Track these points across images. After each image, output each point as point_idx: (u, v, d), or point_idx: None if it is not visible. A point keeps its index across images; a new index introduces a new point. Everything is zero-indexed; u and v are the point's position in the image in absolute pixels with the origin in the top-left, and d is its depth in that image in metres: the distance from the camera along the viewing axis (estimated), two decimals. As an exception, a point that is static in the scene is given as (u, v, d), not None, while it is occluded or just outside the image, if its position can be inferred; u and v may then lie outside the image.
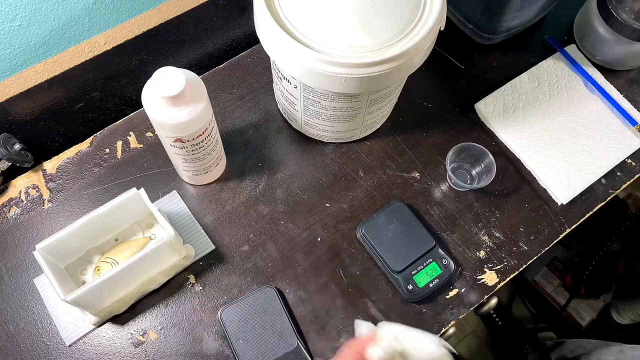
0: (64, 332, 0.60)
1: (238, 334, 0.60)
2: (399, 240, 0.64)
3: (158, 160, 0.70)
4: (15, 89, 0.63)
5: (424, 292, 0.62)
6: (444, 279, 0.63)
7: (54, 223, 0.66)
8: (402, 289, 0.62)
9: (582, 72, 0.77)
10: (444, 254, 0.64)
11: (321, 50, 0.52)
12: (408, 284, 0.62)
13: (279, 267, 0.65)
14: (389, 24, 0.54)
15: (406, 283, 0.62)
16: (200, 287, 0.64)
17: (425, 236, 0.65)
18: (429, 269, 0.63)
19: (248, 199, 0.68)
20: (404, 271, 0.63)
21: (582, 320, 1.30)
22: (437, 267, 0.63)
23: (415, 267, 0.63)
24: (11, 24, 0.56)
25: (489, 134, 0.74)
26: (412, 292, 0.62)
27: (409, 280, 0.62)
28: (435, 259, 0.64)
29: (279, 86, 0.66)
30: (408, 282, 0.62)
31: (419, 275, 0.63)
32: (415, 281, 0.62)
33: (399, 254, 0.63)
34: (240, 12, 0.75)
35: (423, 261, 0.64)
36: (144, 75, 0.74)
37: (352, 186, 0.69)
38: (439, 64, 0.78)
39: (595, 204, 0.70)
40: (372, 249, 0.64)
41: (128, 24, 0.66)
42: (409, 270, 0.63)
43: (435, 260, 0.64)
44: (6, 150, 0.63)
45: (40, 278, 0.62)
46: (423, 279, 0.63)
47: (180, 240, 0.62)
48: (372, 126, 0.71)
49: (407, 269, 0.63)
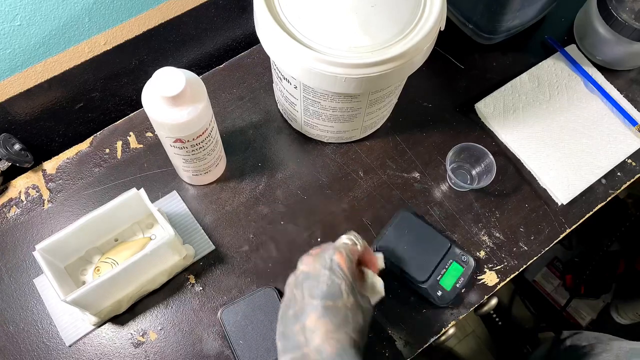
0: (64, 333, 0.60)
1: (238, 334, 0.60)
2: (416, 251, 0.63)
3: (158, 161, 0.70)
4: (15, 89, 0.63)
5: (453, 293, 0.62)
6: (468, 276, 0.62)
7: (54, 223, 0.66)
8: (433, 297, 0.61)
9: (582, 72, 0.77)
10: (461, 251, 0.64)
11: (321, 51, 0.52)
12: (437, 291, 0.62)
13: (279, 267, 0.65)
14: (389, 24, 0.54)
15: (434, 290, 0.62)
16: (200, 288, 0.64)
17: (439, 239, 0.64)
18: (452, 270, 0.63)
19: (248, 199, 0.68)
20: (429, 279, 0.62)
21: (582, 320, 1.30)
22: (459, 266, 0.63)
23: (439, 272, 0.62)
24: (11, 24, 0.56)
25: (489, 134, 0.74)
26: (443, 297, 0.61)
27: (436, 286, 0.62)
28: (454, 258, 0.63)
29: (279, 86, 0.66)
30: (436, 289, 0.62)
31: (445, 279, 0.62)
32: (443, 285, 0.62)
33: (420, 265, 0.62)
34: (240, 12, 0.75)
35: (444, 264, 0.63)
36: (144, 75, 0.74)
37: (352, 186, 0.69)
38: (439, 64, 0.78)
39: (595, 204, 0.70)
40: (394, 266, 0.63)
41: (128, 24, 0.66)
42: (434, 277, 0.62)
43: (455, 260, 0.63)
44: (6, 150, 0.63)
45: (40, 278, 0.62)
46: (449, 281, 0.62)
47: (180, 241, 0.62)
48: (372, 126, 0.71)
49: (432, 276, 0.62)
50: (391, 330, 0.62)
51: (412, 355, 0.62)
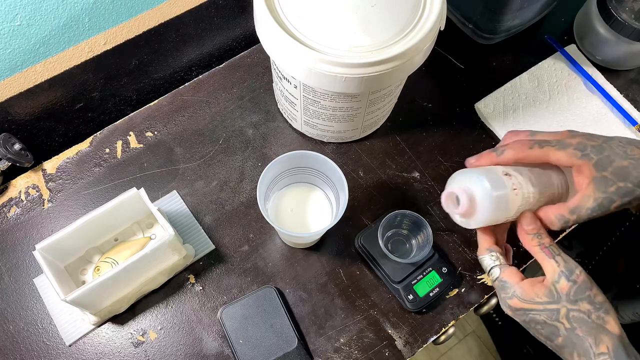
0: (64, 332, 0.60)
1: (238, 334, 0.60)
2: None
3: (158, 160, 0.70)
4: (15, 89, 0.63)
5: (424, 301, 0.62)
6: (443, 288, 0.63)
7: (54, 223, 0.66)
8: (403, 299, 0.62)
9: (582, 72, 0.77)
10: (443, 262, 0.64)
11: (321, 50, 0.52)
12: (409, 294, 0.62)
13: (279, 267, 0.65)
14: (389, 24, 0.54)
15: (407, 293, 0.62)
16: (200, 287, 0.64)
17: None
18: (429, 278, 0.63)
19: (248, 199, 0.68)
20: (404, 281, 0.62)
21: (582, 320, 1.29)
22: (437, 275, 0.63)
23: (415, 277, 0.63)
24: (11, 24, 0.56)
25: (489, 134, 0.74)
26: (413, 301, 0.62)
27: (409, 290, 0.62)
28: (434, 267, 0.63)
29: (279, 86, 0.66)
30: (409, 292, 0.62)
31: (419, 285, 0.62)
32: (416, 291, 0.62)
33: (398, 263, 0.63)
34: (240, 12, 0.75)
35: (422, 270, 0.63)
36: (144, 75, 0.74)
37: (352, 186, 0.69)
38: (439, 64, 0.78)
39: (595, 204, 0.70)
40: (371, 260, 0.64)
41: (128, 24, 0.66)
42: (409, 280, 0.62)
43: (434, 269, 0.63)
44: (6, 150, 0.63)
45: (40, 278, 0.62)
46: (423, 288, 0.62)
47: (180, 240, 0.62)
48: (372, 126, 0.71)
49: (407, 278, 0.63)
50: (391, 330, 0.62)
51: (412, 355, 0.62)
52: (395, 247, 0.65)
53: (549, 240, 0.49)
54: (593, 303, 0.46)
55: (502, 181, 0.49)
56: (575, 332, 0.46)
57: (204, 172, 0.69)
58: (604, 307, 0.46)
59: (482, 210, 0.50)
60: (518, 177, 0.50)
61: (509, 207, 0.50)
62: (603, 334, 0.45)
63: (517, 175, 0.50)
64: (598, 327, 0.45)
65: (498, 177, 0.50)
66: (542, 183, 0.51)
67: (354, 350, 0.61)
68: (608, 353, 0.44)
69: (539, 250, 0.49)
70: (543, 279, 0.49)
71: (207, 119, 0.72)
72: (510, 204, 0.49)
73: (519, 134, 0.53)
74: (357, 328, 0.62)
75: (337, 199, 0.60)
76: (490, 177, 0.49)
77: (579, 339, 0.46)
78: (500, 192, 0.49)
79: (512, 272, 0.51)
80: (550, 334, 0.48)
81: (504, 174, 0.50)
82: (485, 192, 0.49)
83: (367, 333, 0.62)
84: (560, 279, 0.47)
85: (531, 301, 0.48)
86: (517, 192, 0.49)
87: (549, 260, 0.48)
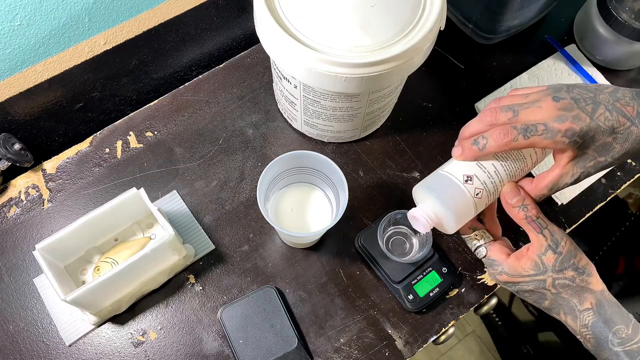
0: (64, 332, 0.60)
1: (238, 334, 0.60)
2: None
3: (158, 160, 0.70)
4: (15, 89, 0.63)
5: (424, 301, 0.62)
6: (443, 288, 0.63)
7: (54, 223, 0.66)
8: (403, 299, 0.62)
9: (582, 72, 0.77)
10: (443, 262, 0.64)
11: (321, 50, 0.52)
12: (409, 294, 0.62)
13: (279, 267, 0.65)
14: (389, 24, 0.54)
15: (407, 293, 0.62)
16: (200, 287, 0.64)
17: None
18: (429, 277, 0.63)
19: (248, 198, 0.68)
20: (404, 281, 0.62)
21: (582, 320, 1.29)
22: (437, 275, 0.63)
23: (415, 277, 0.63)
24: (11, 24, 0.56)
25: (489, 134, 0.74)
26: (413, 301, 0.62)
27: (409, 290, 0.62)
28: (434, 267, 0.63)
29: (279, 86, 0.66)
30: (409, 292, 0.62)
31: (419, 285, 0.62)
32: (416, 291, 0.62)
33: (398, 263, 0.63)
34: (240, 12, 0.75)
35: (423, 270, 0.63)
36: (144, 75, 0.74)
37: (352, 186, 0.69)
38: (439, 64, 0.78)
39: (595, 204, 0.70)
40: (371, 260, 0.64)
41: (128, 24, 0.66)
42: (409, 280, 0.62)
43: (434, 269, 0.63)
44: (6, 150, 0.63)
45: (40, 278, 0.62)
46: (423, 288, 0.62)
47: (180, 240, 0.62)
48: (372, 126, 0.71)
49: (407, 278, 0.63)
50: (391, 330, 0.62)
51: (412, 355, 0.62)
52: (395, 247, 0.65)
53: (536, 211, 0.51)
54: (577, 269, 0.49)
55: (460, 191, 0.50)
56: (560, 295, 0.50)
57: (204, 172, 0.69)
58: (586, 271, 0.50)
59: (448, 223, 0.52)
60: (481, 176, 0.50)
61: (477, 208, 0.51)
62: (587, 293, 0.49)
63: (481, 173, 0.50)
64: (582, 289, 0.49)
65: (457, 187, 0.50)
66: (516, 168, 0.52)
67: (354, 350, 0.61)
68: (592, 308, 0.49)
69: (526, 223, 0.51)
70: (528, 247, 0.51)
71: (207, 119, 0.72)
72: (477, 206, 0.51)
73: (501, 101, 0.51)
74: (357, 328, 0.62)
75: (337, 199, 0.60)
76: (448, 195, 0.50)
77: (565, 300, 0.50)
78: (460, 204, 0.50)
79: (497, 250, 0.54)
80: (538, 299, 0.52)
81: (465, 181, 0.50)
82: (444, 211, 0.50)
83: (367, 333, 0.62)
84: (547, 251, 0.50)
85: (519, 275, 0.51)
86: (480, 195, 0.50)
87: (537, 235, 0.50)
